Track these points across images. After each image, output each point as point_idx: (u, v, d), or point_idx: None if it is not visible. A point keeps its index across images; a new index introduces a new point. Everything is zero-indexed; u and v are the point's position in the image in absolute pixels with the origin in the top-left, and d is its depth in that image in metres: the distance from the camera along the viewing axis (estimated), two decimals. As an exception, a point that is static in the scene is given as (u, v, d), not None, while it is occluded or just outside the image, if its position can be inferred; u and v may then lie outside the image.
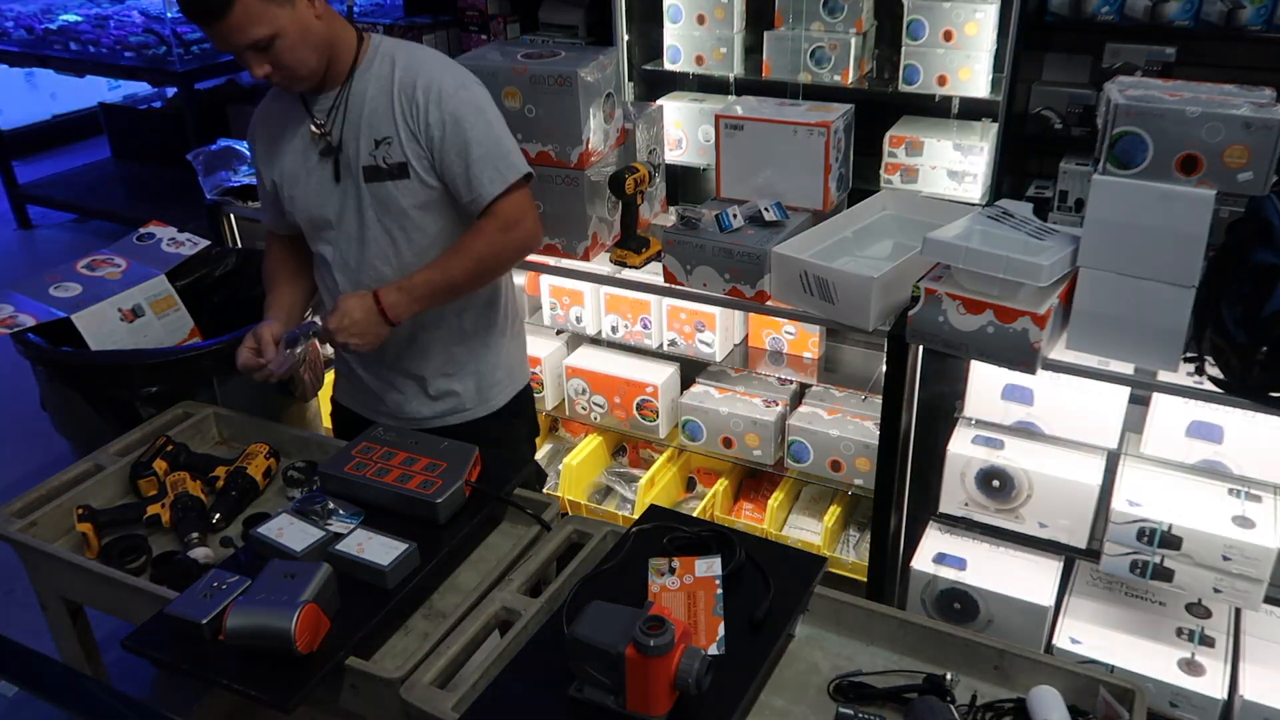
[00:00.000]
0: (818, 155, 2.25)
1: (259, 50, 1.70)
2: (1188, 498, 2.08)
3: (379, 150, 1.83)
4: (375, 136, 1.83)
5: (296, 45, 1.73)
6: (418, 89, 1.81)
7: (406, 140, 1.82)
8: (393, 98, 1.82)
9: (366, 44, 1.86)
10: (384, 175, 1.84)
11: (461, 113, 1.81)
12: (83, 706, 1.23)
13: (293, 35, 1.71)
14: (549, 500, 1.81)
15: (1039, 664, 1.45)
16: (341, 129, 1.85)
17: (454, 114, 1.80)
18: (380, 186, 1.85)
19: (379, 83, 1.83)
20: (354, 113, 1.84)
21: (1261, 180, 1.70)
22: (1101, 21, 3.14)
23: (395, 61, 1.84)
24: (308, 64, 1.77)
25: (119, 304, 2.44)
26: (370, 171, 1.85)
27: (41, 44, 5.77)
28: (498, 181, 1.84)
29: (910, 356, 2.06)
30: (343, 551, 1.58)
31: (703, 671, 1.30)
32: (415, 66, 1.83)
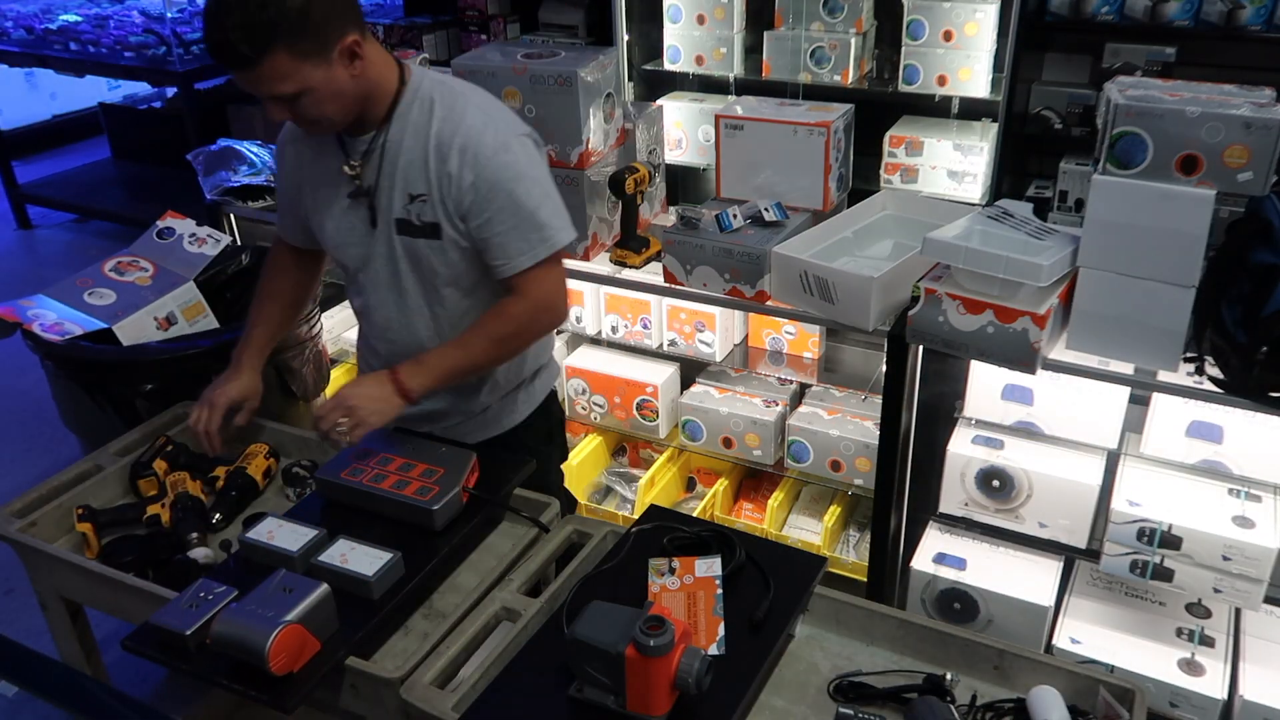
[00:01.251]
0: (818, 155, 2.25)
1: (283, 101, 1.58)
2: (1188, 498, 2.08)
3: (413, 205, 1.71)
4: (410, 190, 1.71)
5: (323, 102, 1.60)
6: (454, 149, 1.67)
7: (439, 201, 1.70)
8: (428, 153, 1.68)
9: (407, 85, 1.71)
10: (416, 232, 1.73)
11: (498, 178, 1.66)
12: (83, 706, 1.23)
13: (322, 94, 1.58)
14: (549, 501, 1.81)
15: (1039, 664, 1.45)
16: (377, 175, 1.73)
17: (490, 179, 1.66)
18: (413, 242, 1.75)
19: (416, 133, 1.69)
20: (390, 161, 1.71)
21: (1261, 180, 1.70)
22: (1101, 21, 3.14)
23: (434, 110, 1.69)
24: (332, 120, 1.65)
25: (154, 313, 2.48)
26: (402, 225, 1.74)
27: (41, 44, 5.77)
28: (526, 255, 1.70)
29: (910, 356, 2.06)
30: (325, 563, 1.56)
31: (703, 671, 1.30)
32: (454, 119, 1.68)
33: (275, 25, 1.48)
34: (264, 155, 2.98)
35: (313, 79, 1.55)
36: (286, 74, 1.53)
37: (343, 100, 1.62)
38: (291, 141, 1.86)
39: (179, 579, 1.64)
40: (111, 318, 2.40)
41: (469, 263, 1.76)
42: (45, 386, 2.61)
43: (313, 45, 1.53)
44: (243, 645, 1.37)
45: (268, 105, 1.59)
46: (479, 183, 1.66)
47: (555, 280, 1.77)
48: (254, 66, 1.51)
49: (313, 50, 1.53)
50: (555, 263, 1.75)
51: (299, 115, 1.61)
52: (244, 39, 1.48)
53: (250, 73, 1.52)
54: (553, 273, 1.75)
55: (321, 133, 1.71)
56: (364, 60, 1.61)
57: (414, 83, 1.71)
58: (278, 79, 1.53)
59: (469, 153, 1.66)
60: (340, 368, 3.29)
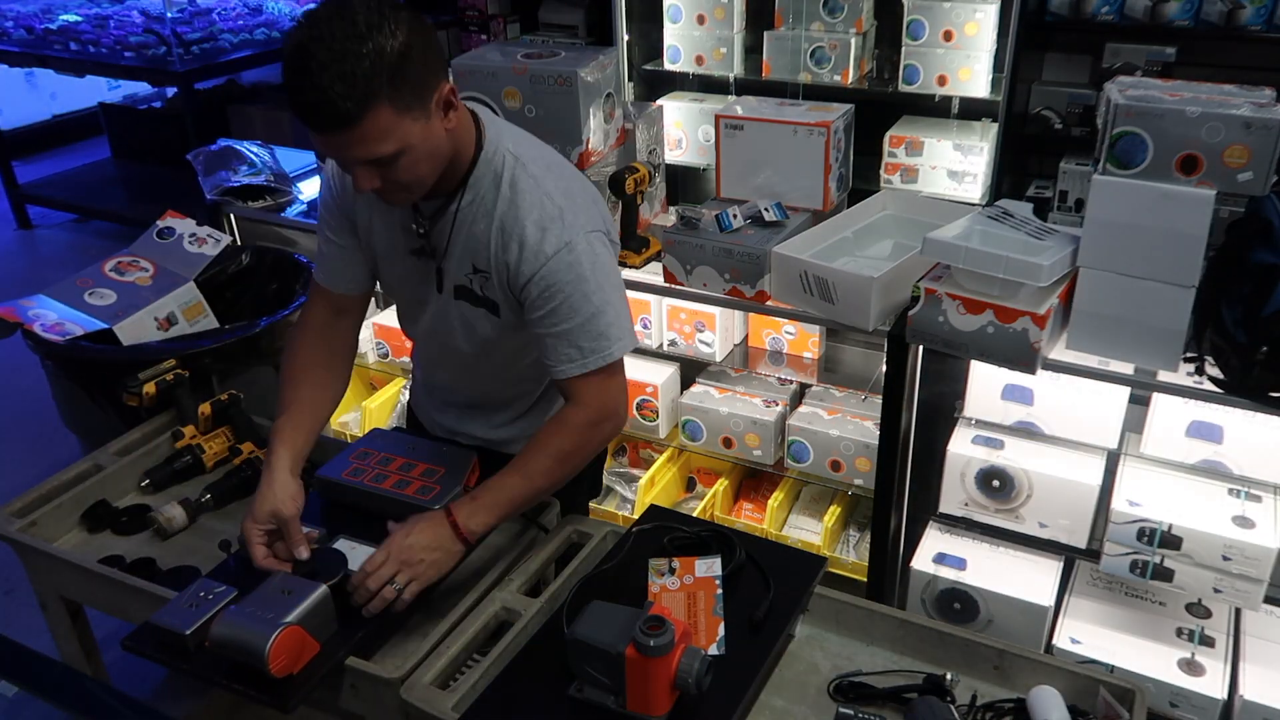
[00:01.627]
0: (818, 155, 2.25)
1: (378, 165, 1.41)
2: (1188, 498, 2.08)
3: (476, 277, 1.61)
4: (475, 263, 1.60)
5: (420, 162, 1.44)
6: (514, 240, 1.54)
7: (499, 286, 1.60)
8: (490, 235, 1.56)
9: (484, 141, 1.57)
10: (477, 302, 1.63)
11: (558, 280, 1.53)
12: (83, 706, 1.23)
13: (419, 152, 1.43)
14: (548, 501, 1.81)
15: (1039, 664, 1.45)
16: (446, 240, 1.60)
17: (548, 280, 1.53)
18: (471, 308, 1.65)
19: (483, 208, 1.57)
20: (459, 229, 1.59)
21: (1261, 180, 1.70)
22: (1101, 21, 3.14)
23: (501, 186, 1.56)
24: (424, 183, 1.50)
25: (155, 313, 2.48)
26: (462, 291, 1.64)
27: (41, 44, 5.77)
28: (577, 364, 1.56)
29: (910, 356, 2.06)
30: None
31: (703, 671, 1.30)
32: (520, 203, 1.54)
33: (376, 75, 1.32)
34: (264, 155, 2.99)
35: (413, 135, 1.40)
36: (388, 130, 1.37)
37: (437, 159, 1.49)
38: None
39: (178, 580, 1.64)
40: (112, 318, 2.41)
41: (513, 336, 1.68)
42: (45, 386, 2.61)
43: (414, 97, 1.39)
44: (242, 647, 1.37)
45: (358, 173, 1.43)
46: (537, 280, 1.54)
47: (615, 389, 1.62)
48: (355, 125, 1.34)
49: (414, 102, 1.39)
50: (614, 372, 1.61)
51: (390, 180, 1.45)
52: (345, 94, 1.31)
53: (349, 133, 1.35)
54: (612, 381, 1.61)
55: (406, 202, 1.55)
56: (457, 112, 1.49)
57: (489, 148, 1.57)
58: (378, 138, 1.37)
59: (529, 248, 1.53)
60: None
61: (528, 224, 1.53)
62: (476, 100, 2.17)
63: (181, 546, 1.82)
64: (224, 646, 1.39)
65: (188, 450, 1.98)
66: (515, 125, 1.67)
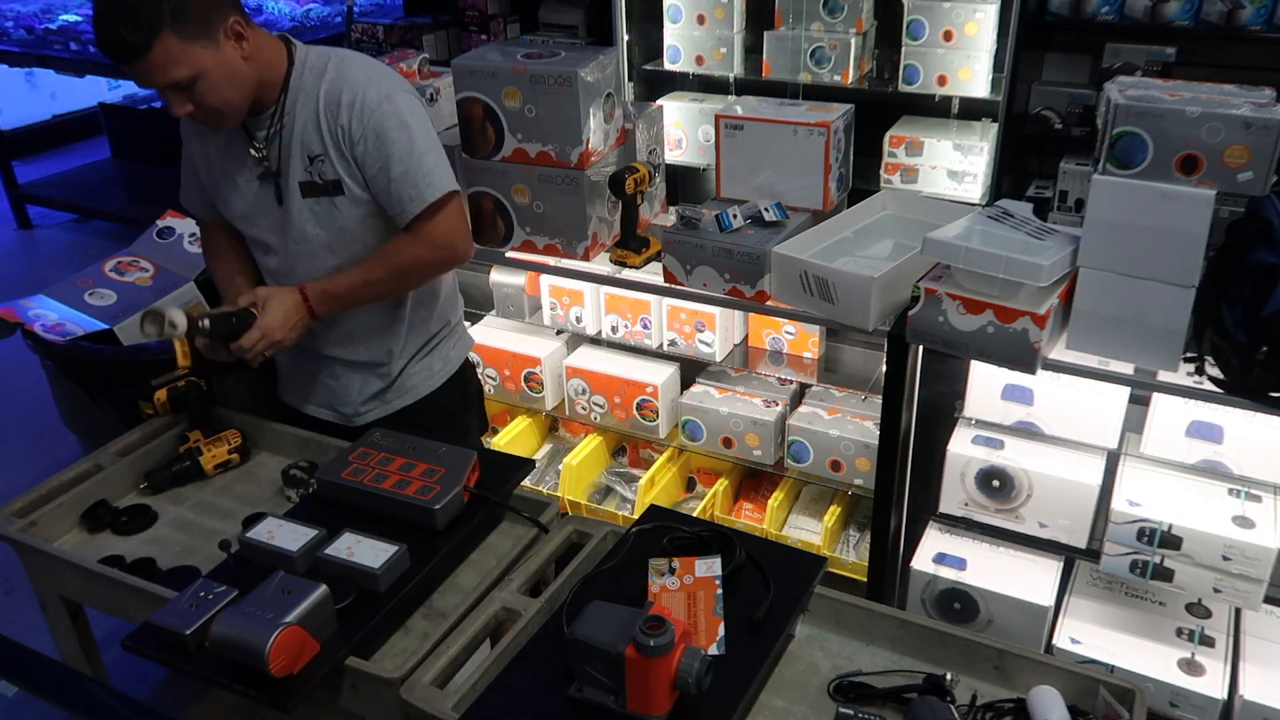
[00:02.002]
0: (818, 155, 2.25)
1: (180, 90, 1.68)
2: (1188, 498, 2.08)
3: (314, 167, 1.83)
4: (309, 154, 1.83)
5: (220, 86, 1.70)
6: (341, 105, 1.79)
7: (336, 158, 1.82)
8: (319, 114, 1.81)
9: (295, 55, 1.84)
10: (320, 191, 1.85)
11: (384, 126, 1.79)
12: (83, 706, 1.23)
13: (216, 76, 1.69)
14: (549, 501, 1.81)
15: (1039, 664, 1.45)
16: (279, 151, 1.84)
17: (376, 128, 1.79)
18: (317, 202, 1.86)
19: (307, 99, 1.82)
20: (288, 131, 1.83)
21: (1261, 180, 1.70)
22: (1101, 21, 3.14)
23: (323, 74, 1.82)
24: (232, 105, 1.75)
25: None
26: (307, 187, 1.85)
27: (41, 44, 5.78)
28: (417, 200, 1.82)
29: (910, 356, 2.06)
30: (332, 556, 1.57)
31: (703, 671, 1.30)
32: (340, 79, 1.81)
33: (158, 12, 1.60)
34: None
35: (204, 60, 1.66)
36: (178, 58, 1.63)
37: (240, 81, 1.73)
38: (198, 134, 1.95)
39: (178, 580, 1.64)
40: (112, 318, 2.41)
41: (375, 216, 1.88)
42: (45, 386, 2.61)
43: (197, 28, 1.64)
44: (242, 647, 1.37)
45: (168, 98, 1.69)
46: (367, 132, 1.78)
47: (451, 219, 1.87)
48: (145, 54, 1.61)
49: (198, 33, 1.64)
50: (449, 205, 1.85)
51: (200, 105, 1.70)
52: (132, 30, 1.59)
53: (143, 62, 1.62)
54: (447, 214, 1.86)
55: (225, 124, 1.80)
56: (249, 41, 1.73)
57: (300, 55, 1.84)
58: (170, 64, 1.63)
59: (356, 104, 1.78)
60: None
61: (350, 87, 1.79)
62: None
63: (181, 546, 1.82)
64: (224, 647, 1.39)
65: (188, 454, 1.98)
66: None
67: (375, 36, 4.70)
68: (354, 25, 4.82)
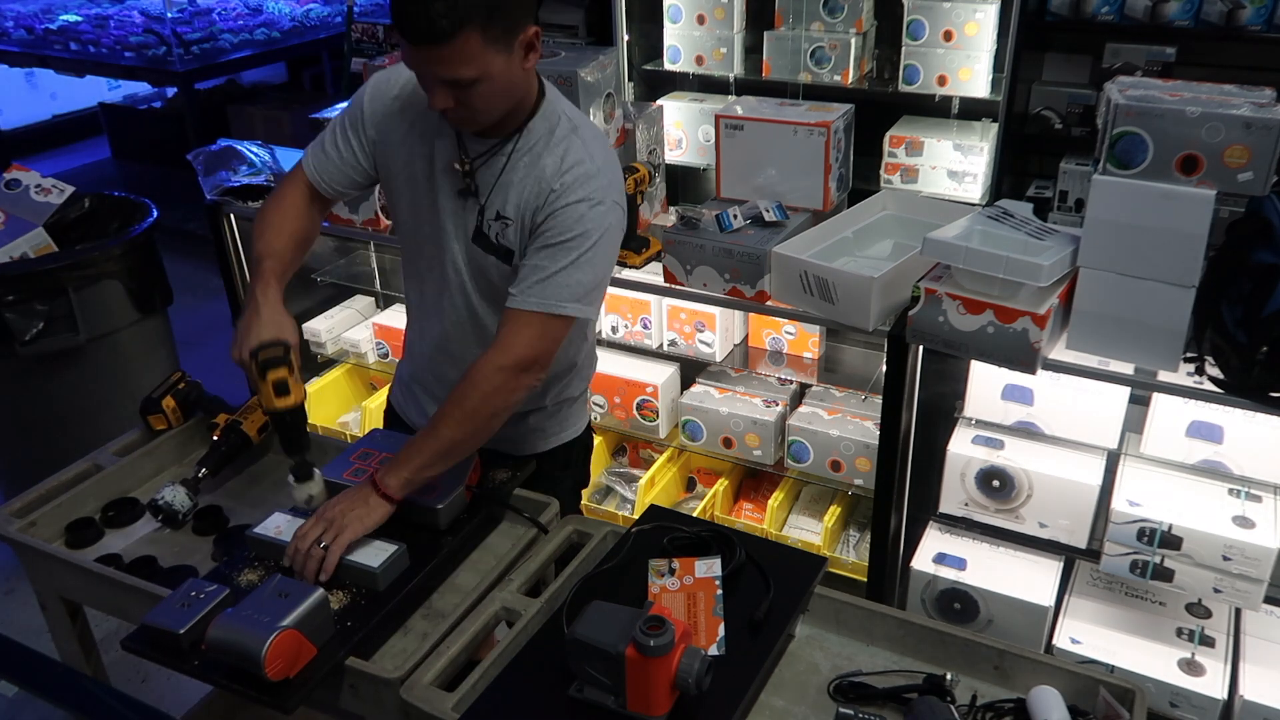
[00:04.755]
0: (818, 155, 2.25)
1: (455, 87, 1.51)
2: (1188, 498, 2.08)
3: (496, 224, 1.68)
4: (500, 210, 1.67)
5: (495, 94, 1.55)
6: (547, 186, 1.62)
7: (518, 230, 1.67)
8: (529, 182, 1.65)
9: (543, 102, 1.67)
10: (489, 249, 1.70)
11: (567, 221, 1.61)
12: (83, 706, 1.24)
13: (497, 84, 1.54)
14: (548, 501, 1.81)
15: (1039, 664, 1.45)
16: (494, 180, 1.68)
17: (560, 217, 1.61)
18: (482, 255, 1.71)
19: (529, 160, 1.65)
20: (507, 171, 1.67)
21: (1261, 180, 1.70)
22: (1101, 21, 3.14)
23: (553, 140, 1.65)
24: (493, 114, 1.60)
25: (9, 253, 2.86)
26: (478, 236, 1.70)
27: (41, 44, 5.78)
28: (532, 299, 1.61)
29: (910, 356, 2.06)
30: None
31: (703, 671, 1.30)
32: (566, 157, 1.63)
33: (474, 2, 1.45)
34: (264, 155, 2.98)
35: (494, 66, 1.51)
36: (474, 56, 1.48)
37: (510, 96, 1.59)
38: (401, 101, 1.73)
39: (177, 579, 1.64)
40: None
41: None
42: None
43: (502, 31, 1.50)
44: (238, 651, 1.37)
45: (435, 90, 1.53)
46: (552, 215, 1.62)
47: (549, 342, 1.65)
48: (445, 43, 1.45)
49: (501, 35, 1.50)
50: (557, 327, 1.64)
51: (464, 104, 1.54)
52: (444, 12, 1.43)
53: (437, 50, 1.46)
54: (549, 333, 1.64)
55: (472, 127, 1.63)
56: (537, 55, 1.59)
57: (549, 104, 1.68)
58: (462, 61, 1.48)
59: (557, 191, 1.62)
60: (340, 368, 3.29)
61: (566, 174, 1.62)
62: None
63: (181, 546, 1.82)
64: (221, 650, 1.39)
65: (229, 430, 1.96)
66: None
67: (375, 36, 4.70)
68: (354, 25, 4.82)
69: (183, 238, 4.83)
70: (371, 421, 3.08)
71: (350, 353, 3.19)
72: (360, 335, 3.17)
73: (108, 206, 3.18)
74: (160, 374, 2.26)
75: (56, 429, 2.97)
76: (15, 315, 2.76)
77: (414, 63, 1.53)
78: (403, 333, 2.00)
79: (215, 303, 3.37)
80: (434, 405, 1.84)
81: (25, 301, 2.76)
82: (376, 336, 3.12)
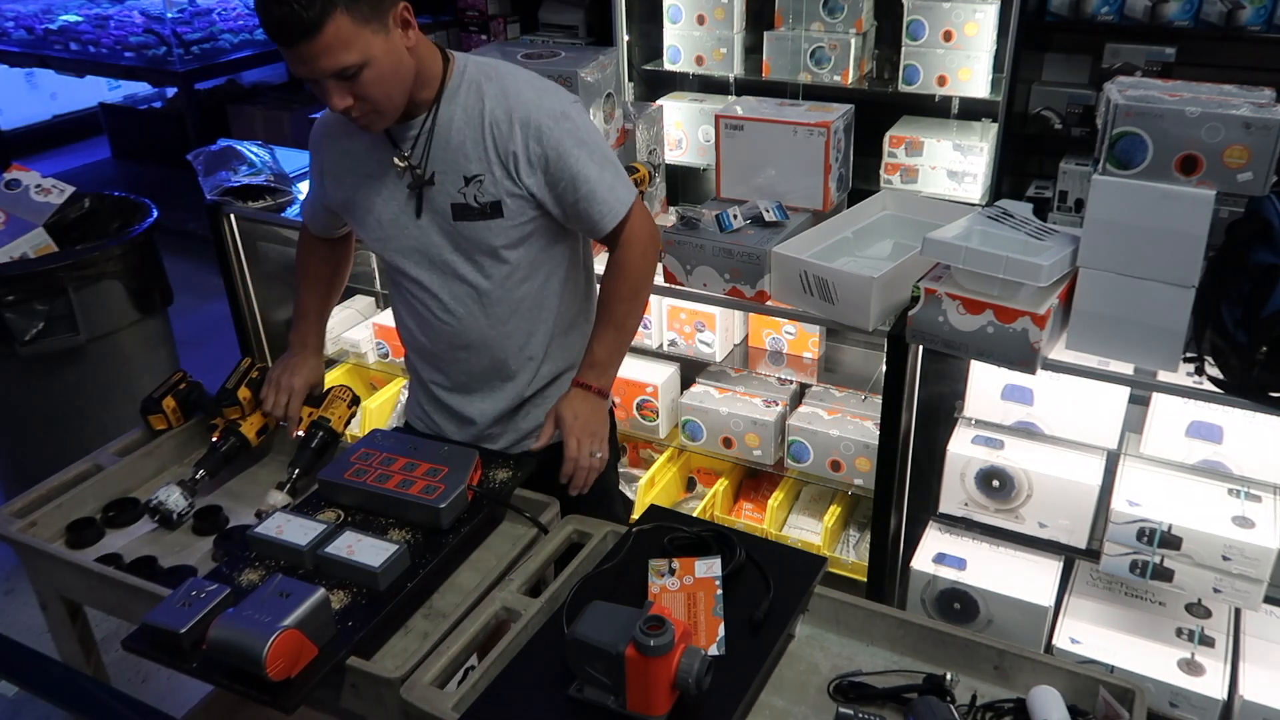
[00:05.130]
0: (818, 155, 2.25)
1: (344, 79, 1.55)
2: (1187, 498, 2.08)
3: (469, 188, 1.72)
4: (465, 174, 1.71)
5: (386, 77, 1.58)
6: (514, 124, 1.68)
7: (500, 178, 1.71)
8: (483, 133, 1.69)
9: (452, 67, 1.71)
10: (475, 214, 1.73)
11: (564, 147, 1.69)
12: (83, 706, 1.24)
13: (383, 65, 1.57)
14: (548, 501, 1.81)
15: (1039, 664, 1.45)
16: (426, 161, 1.72)
17: (556, 149, 1.69)
18: (469, 225, 1.74)
19: (466, 115, 1.70)
20: (439, 145, 1.71)
21: (1261, 180, 1.70)
22: (1101, 21, 3.14)
23: (484, 90, 1.70)
24: (393, 100, 1.62)
25: (9, 253, 2.86)
26: (460, 210, 1.73)
27: (41, 44, 5.78)
28: (610, 216, 1.75)
29: (910, 356, 2.06)
30: (333, 554, 1.57)
31: (703, 671, 1.30)
32: (507, 98, 1.69)
33: None
34: (264, 155, 2.98)
35: (374, 47, 1.54)
36: (349, 41, 1.51)
37: (403, 73, 1.61)
38: (329, 137, 1.83)
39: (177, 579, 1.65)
40: None
41: (528, 238, 1.78)
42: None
43: (370, 10, 1.53)
44: (240, 650, 1.37)
45: (328, 89, 1.56)
46: (548, 153, 1.69)
47: (643, 215, 1.82)
48: (316, 34, 1.49)
49: (371, 15, 1.53)
50: (639, 203, 1.82)
51: (362, 98, 1.58)
52: (305, 5, 1.47)
53: (311, 44, 1.50)
54: (643, 210, 1.82)
55: (383, 124, 1.67)
56: (415, 31, 1.63)
57: (459, 65, 1.72)
58: (340, 47, 1.51)
59: (531, 126, 1.68)
60: (340, 368, 3.29)
61: (522, 106, 1.68)
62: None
63: (181, 546, 1.82)
64: (221, 650, 1.39)
65: (228, 433, 1.97)
66: None
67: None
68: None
69: (183, 238, 4.83)
70: (372, 421, 3.08)
71: (350, 353, 3.20)
72: (360, 335, 3.17)
73: (108, 206, 3.19)
74: (160, 374, 2.28)
75: (56, 429, 2.97)
76: (15, 315, 2.76)
77: (298, 65, 1.55)
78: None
79: (215, 303, 3.37)
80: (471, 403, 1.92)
81: (25, 301, 2.77)
82: (376, 336, 3.12)
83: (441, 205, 1.74)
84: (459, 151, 1.71)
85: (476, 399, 1.92)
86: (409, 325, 1.93)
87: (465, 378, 1.90)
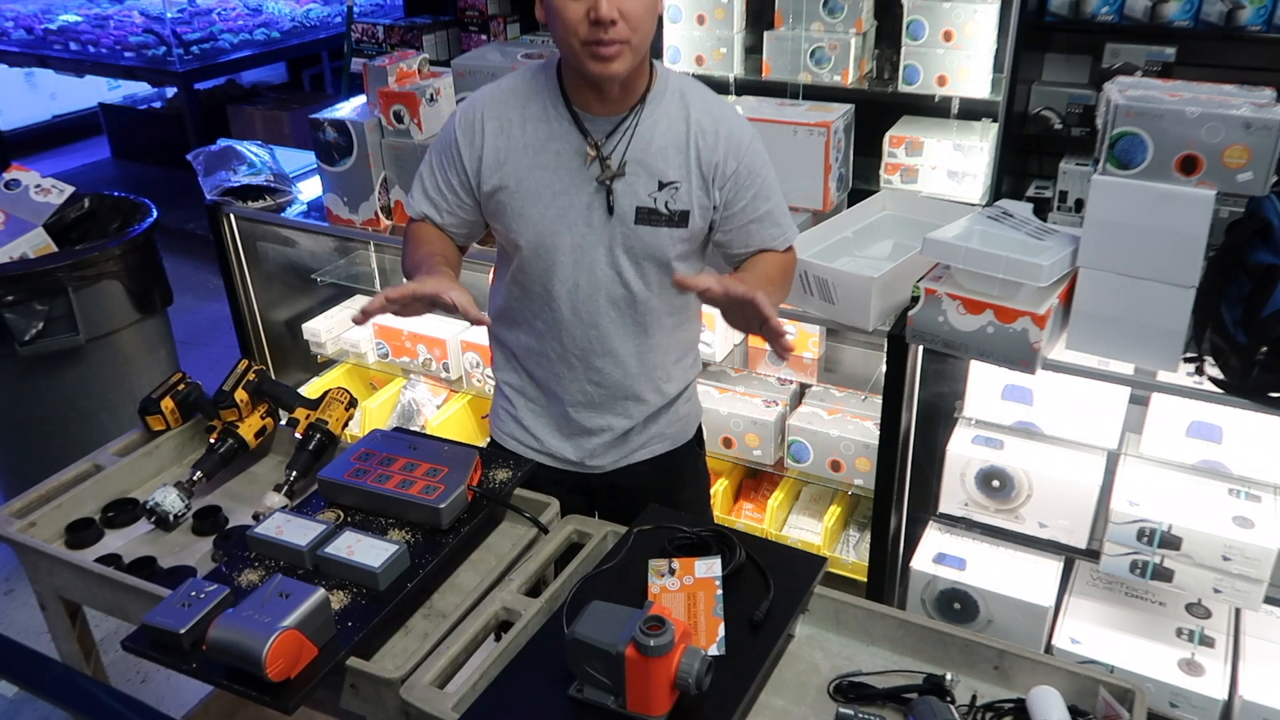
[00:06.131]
0: (818, 155, 2.25)
1: None
2: (1187, 498, 2.08)
3: (661, 193, 1.68)
4: (661, 179, 1.67)
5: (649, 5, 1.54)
6: (720, 137, 1.69)
7: (696, 188, 1.69)
8: (688, 141, 1.68)
9: (657, 72, 1.69)
10: (660, 220, 1.69)
11: (756, 166, 1.73)
12: (83, 706, 1.24)
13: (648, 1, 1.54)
14: (549, 501, 1.81)
15: (1039, 664, 1.45)
16: (624, 160, 1.66)
17: (750, 167, 1.72)
18: (651, 230, 1.69)
19: (670, 121, 1.68)
20: (639, 146, 1.66)
21: (1261, 180, 1.70)
22: (1101, 21, 3.14)
23: (689, 100, 1.70)
24: (644, 36, 1.57)
25: (9, 254, 2.89)
26: (645, 213, 1.68)
27: (41, 44, 5.79)
28: (781, 240, 1.79)
29: (910, 356, 2.06)
30: (332, 554, 1.57)
31: (703, 671, 1.30)
32: (712, 111, 1.71)
33: None
34: (264, 155, 2.99)
35: None
36: None
37: (654, 18, 1.58)
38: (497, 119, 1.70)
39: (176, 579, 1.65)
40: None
41: (695, 251, 1.80)
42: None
43: None
44: (239, 651, 1.37)
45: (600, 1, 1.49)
46: (741, 170, 1.71)
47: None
48: None
49: None
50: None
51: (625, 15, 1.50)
52: None
53: None
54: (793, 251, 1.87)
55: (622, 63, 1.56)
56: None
57: (662, 73, 1.71)
58: None
59: (733, 141, 1.70)
60: (340, 368, 3.29)
61: (726, 122, 1.71)
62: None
63: (181, 546, 1.82)
64: (221, 651, 1.39)
65: (225, 434, 1.96)
66: None
67: (375, 37, 4.71)
68: (354, 25, 4.83)
69: (183, 238, 4.83)
70: (372, 421, 3.08)
71: (350, 353, 3.20)
72: (360, 335, 3.17)
73: (108, 206, 3.19)
74: (160, 374, 2.28)
75: (56, 429, 2.97)
76: (15, 315, 2.76)
77: None
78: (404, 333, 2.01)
79: (215, 303, 3.38)
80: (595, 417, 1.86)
81: (25, 301, 2.77)
82: (376, 337, 3.12)
83: (625, 206, 1.68)
84: (660, 156, 1.67)
85: (603, 413, 1.86)
86: (537, 329, 1.81)
87: (594, 389, 1.83)
